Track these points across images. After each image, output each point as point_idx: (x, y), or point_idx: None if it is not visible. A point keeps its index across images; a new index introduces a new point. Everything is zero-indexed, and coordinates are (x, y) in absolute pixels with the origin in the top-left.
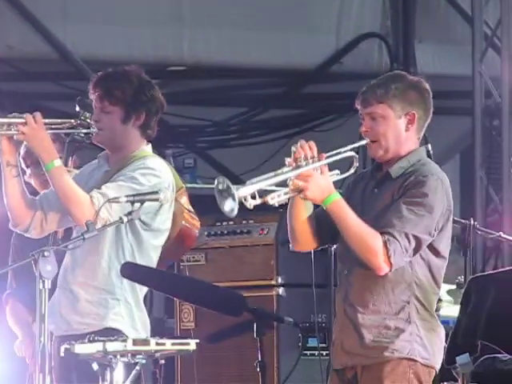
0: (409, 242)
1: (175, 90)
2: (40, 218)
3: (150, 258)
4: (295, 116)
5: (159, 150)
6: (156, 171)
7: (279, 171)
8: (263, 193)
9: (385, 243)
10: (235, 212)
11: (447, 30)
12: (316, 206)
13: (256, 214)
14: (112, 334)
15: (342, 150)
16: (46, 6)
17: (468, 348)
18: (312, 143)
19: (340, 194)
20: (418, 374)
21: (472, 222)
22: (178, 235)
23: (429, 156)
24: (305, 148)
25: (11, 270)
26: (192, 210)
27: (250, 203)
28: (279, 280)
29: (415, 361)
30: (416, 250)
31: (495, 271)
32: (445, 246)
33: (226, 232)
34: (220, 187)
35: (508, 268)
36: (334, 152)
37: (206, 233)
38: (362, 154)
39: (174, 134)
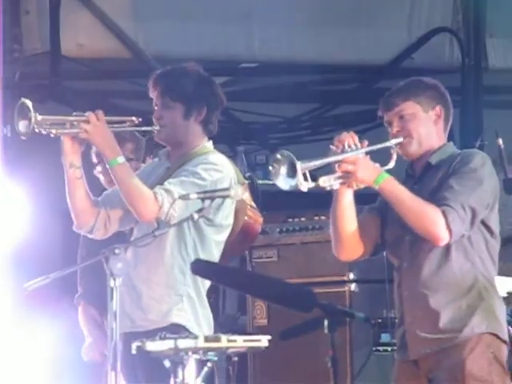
0: (465, 211)
1: (247, 86)
2: (103, 219)
3: (213, 253)
4: (367, 111)
5: (232, 146)
6: (218, 166)
7: (326, 155)
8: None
9: (443, 212)
10: (291, 186)
11: None
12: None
13: (327, 210)
14: (176, 330)
15: (379, 145)
16: (116, 3)
17: None
18: (352, 133)
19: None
20: (496, 352)
21: None
22: (240, 231)
23: (499, 151)
24: (347, 136)
25: (80, 270)
26: (254, 205)
27: (303, 185)
28: (351, 276)
29: (494, 335)
30: (473, 222)
31: None
32: (496, 225)
33: (297, 228)
34: (280, 158)
35: None
36: (380, 144)
37: (277, 229)
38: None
39: (246, 130)
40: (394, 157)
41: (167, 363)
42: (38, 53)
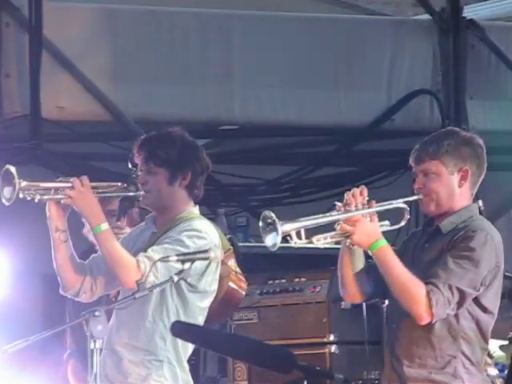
0: (452, 294)
1: (227, 149)
2: (90, 283)
3: (196, 319)
4: (347, 173)
5: (212, 209)
6: (202, 233)
7: (328, 214)
8: (311, 235)
9: (428, 293)
10: (277, 246)
11: (499, 87)
12: (368, 258)
13: (308, 272)
14: None
15: (394, 201)
16: (97, 66)
17: None
18: (364, 190)
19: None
20: None
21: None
22: (224, 297)
23: (480, 212)
24: (356, 195)
25: (70, 329)
26: (240, 271)
27: (296, 242)
28: (332, 337)
29: None
30: (460, 304)
31: None
32: (492, 302)
33: (278, 290)
34: (266, 221)
35: None
36: (386, 203)
37: (258, 291)
38: (414, 210)
39: (226, 192)
40: (407, 217)
41: None
42: (18, 115)
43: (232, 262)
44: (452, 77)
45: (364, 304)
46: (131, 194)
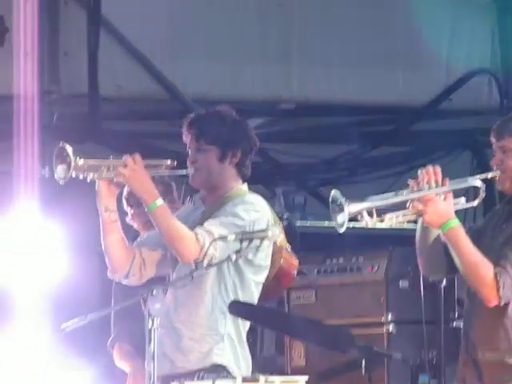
0: None
1: (285, 127)
2: (139, 264)
3: (252, 294)
4: (404, 153)
5: (269, 188)
6: (256, 206)
7: (400, 192)
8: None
9: (495, 275)
10: (345, 226)
11: None
12: None
13: (365, 251)
14: (217, 370)
15: (470, 179)
16: (155, 44)
17: None
18: (438, 168)
19: (461, 221)
20: None
21: None
22: (276, 273)
23: None
24: (429, 172)
25: (114, 314)
26: (289, 248)
27: (366, 221)
28: (389, 317)
29: None
30: None
31: None
32: None
33: (335, 269)
34: (333, 200)
35: None
36: (460, 180)
37: (316, 270)
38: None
39: (284, 172)
40: (481, 195)
41: None
42: (77, 94)
43: (282, 238)
44: (511, 56)
45: (421, 283)
46: (182, 172)
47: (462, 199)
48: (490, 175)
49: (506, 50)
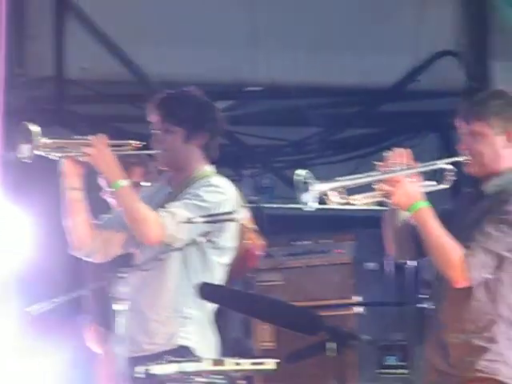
0: (488, 258)
1: (252, 110)
2: (103, 243)
3: (216, 276)
4: (371, 135)
5: (237, 170)
6: (221, 188)
7: (367, 174)
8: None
9: (464, 256)
10: (310, 206)
11: None
12: None
13: (333, 233)
14: (182, 352)
15: (439, 162)
16: (121, 27)
17: None
18: (407, 150)
19: (430, 204)
20: None
21: None
22: (241, 254)
23: None
24: (398, 154)
25: (90, 296)
26: (255, 229)
27: (332, 201)
28: (357, 299)
29: (499, 381)
30: (498, 268)
31: None
32: None
33: (303, 251)
34: (299, 179)
35: None
36: (430, 163)
37: (283, 253)
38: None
39: (251, 154)
40: (451, 178)
41: None
42: (42, 77)
43: (247, 220)
44: (477, 38)
45: (389, 265)
46: (147, 152)
47: (432, 182)
48: (459, 159)
49: (473, 31)
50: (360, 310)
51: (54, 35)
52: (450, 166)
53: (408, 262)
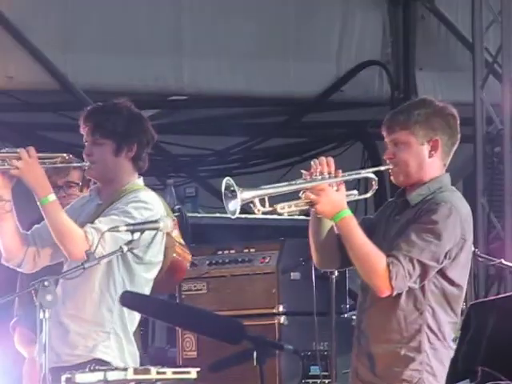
0: (413, 267)
1: (176, 119)
2: (33, 253)
3: (143, 290)
4: (296, 144)
5: (161, 179)
6: (148, 204)
7: (293, 182)
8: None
9: (388, 265)
10: (237, 213)
11: (448, 57)
12: None
13: (257, 243)
14: (101, 365)
15: (363, 171)
16: (46, 35)
17: (468, 374)
18: (331, 159)
19: (353, 213)
20: None
21: (473, 248)
22: (168, 268)
23: None
24: (322, 163)
25: (18, 297)
26: (183, 243)
27: (259, 209)
28: (281, 308)
29: None
30: (422, 277)
31: (495, 297)
32: (459, 275)
33: (227, 261)
34: (226, 188)
35: (508, 294)
36: (354, 172)
37: (207, 262)
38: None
39: (175, 163)
40: (374, 187)
41: None
42: None
43: (176, 233)
44: (401, 48)
45: (313, 275)
46: (77, 164)
47: (355, 191)
48: (382, 168)
49: (397, 41)
50: (284, 319)
51: None
52: (374, 176)
53: (333, 271)
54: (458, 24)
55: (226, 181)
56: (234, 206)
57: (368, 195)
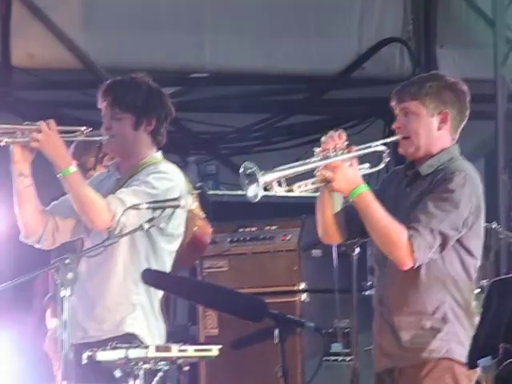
0: (434, 237)
1: (197, 97)
2: (52, 229)
3: (165, 263)
4: (317, 122)
5: (182, 156)
6: (169, 175)
7: (307, 161)
8: (291, 183)
9: (409, 238)
10: (258, 197)
11: (469, 34)
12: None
13: (278, 220)
14: (129, 339)
15: (373, 144)
16: (67, 14)
17: (490, 351)
18: (342, 134)
19: (369, 187)
20: (455, 377)
21: (494, 225)
22: (189, 241)
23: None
24: (334, 139)
25: (51, 273)
26: (203, 216)
27: (276, 191)
28: (302, 286)
29: (453, 360)
30: (443, 246)
31: None
32: (475, 245)
33: (248, 238)
34: (246, 172)
35: None
36: (365, 146)
37: (228, 239)
38: (393, 151)
39: (196, 140)
40: (386, 159)
41: (118, 373)
42: None
43: (196, 206)
44: (423, 25)
45: (335, 252)
46: (96, 138)
47: (366, 164)
48: (393, 138)
49: (418, 19)
50: (305, 297)
51: (1, 21)
52: (384, 148)
53: (354, 249)
54: (479, 1)
55: (246, 164)
56: (254, 190)
57: (380, 167)
